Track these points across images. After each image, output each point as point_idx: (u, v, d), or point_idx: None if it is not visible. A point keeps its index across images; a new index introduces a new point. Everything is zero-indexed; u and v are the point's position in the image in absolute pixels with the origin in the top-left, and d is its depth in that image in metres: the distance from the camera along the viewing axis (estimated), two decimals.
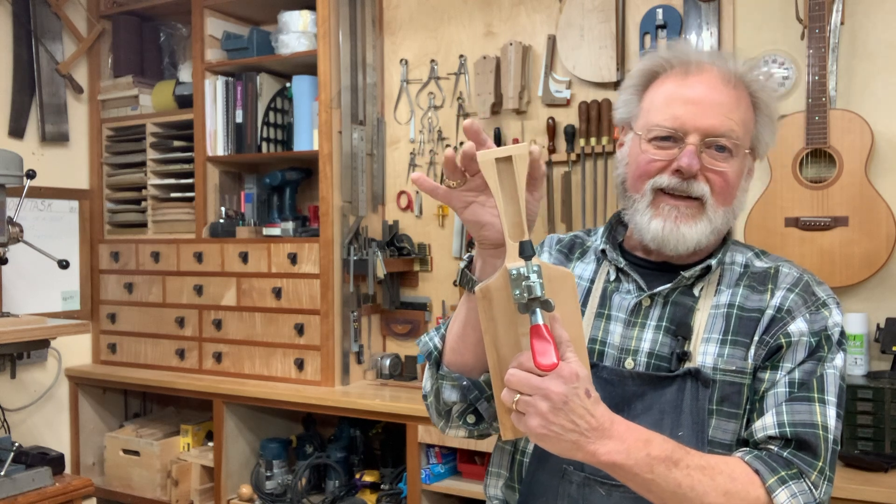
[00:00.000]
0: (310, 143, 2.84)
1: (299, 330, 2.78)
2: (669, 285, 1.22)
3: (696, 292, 1.22)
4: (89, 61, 3.29)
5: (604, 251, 1.29)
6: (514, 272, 0.97)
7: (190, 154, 3.06)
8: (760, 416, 1.13)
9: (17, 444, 2.44)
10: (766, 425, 1.12)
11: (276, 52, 2.88)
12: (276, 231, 2.88)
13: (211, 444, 2.96)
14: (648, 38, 2.47)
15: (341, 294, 2.77)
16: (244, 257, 2.89)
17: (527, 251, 0.98)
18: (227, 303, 2.94)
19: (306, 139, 2.86)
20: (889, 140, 2.17)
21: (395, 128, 2.95)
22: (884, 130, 2.15)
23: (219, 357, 2.96)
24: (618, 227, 1.33)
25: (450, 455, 2.51)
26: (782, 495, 1.05)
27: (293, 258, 2.79)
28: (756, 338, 1.17)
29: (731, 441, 1.15)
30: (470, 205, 1.05)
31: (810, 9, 2.11)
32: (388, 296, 2.87)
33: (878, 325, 2.14)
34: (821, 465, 1.09)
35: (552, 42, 2.64)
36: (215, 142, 3.01)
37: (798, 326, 1.15)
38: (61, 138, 3.19)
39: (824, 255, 2.13)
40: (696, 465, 1.03)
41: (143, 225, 3.20)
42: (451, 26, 2.84)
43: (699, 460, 1.04)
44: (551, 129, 2.61)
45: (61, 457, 2.55)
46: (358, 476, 2.74)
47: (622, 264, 1.26)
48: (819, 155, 2.15)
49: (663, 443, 1.02)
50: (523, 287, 0.96)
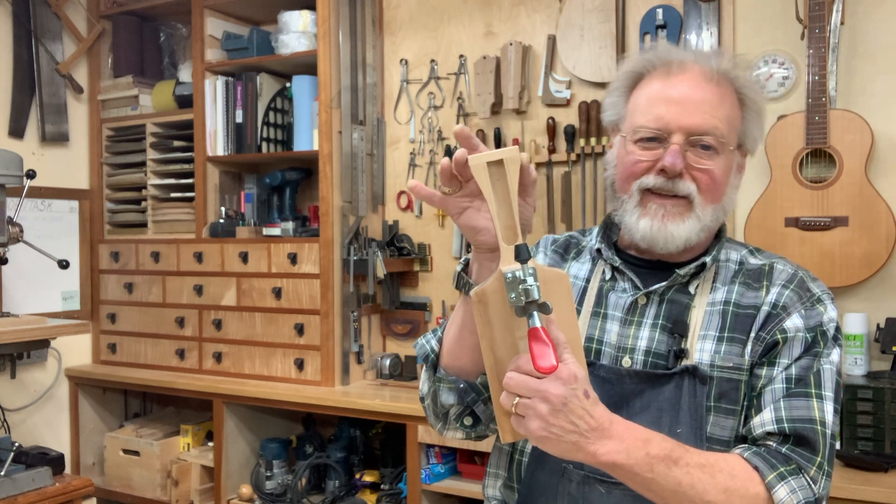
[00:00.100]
0: (310, 143, 2.84)
1: (299, 330, 2.78)
2: (665, 283, 1.22)
3: (691, 290, 1.23)
4: (89, 61, 3.29)
5: (599, 250, 1.30)
6: (509, 275, 0.97)
7: (190, 154, 3.07)
8: (758, 412, 1.14)
9: (17, 444, 2.44)
10: (764, 421, 1.12)
11: (276, 52, 2.88)
12: (276, 231, 2.88)
13: (211, 444, 2.95)
14: (648, 38, 2.46)
15: (341, 294, 2.77)
16: (244, 257, 2.89)
17: (523, 254, 0.98)
18: (227, 303, 2.94)
19: (306, 139, 2.86)
20: (889, 140, 2.17)
21: (395, 128, 2.95)
22: (884, 130, 2.15)
23: (219, 357, 2.96)
24: (612, 226, 1.34)
25: (450, 455, 2.51)
26: (782, 491, 1.06)
27: (293, 258, 2.79)
28: (752, 334, 1.17)
29: (730, 437, 1.15)
30: (465, 210, 1.05)
31: (810, 9, 2.11)
32: (388, 296, 2.87)
33: (878, 325, 2.14)
34: (819, 460, 1.09)
35: (552, 42, 2.64)
36: (215, 142, 3.01)
37: (794, 322, 1.16)
38: (61, 138, 3.20)
39: (824, 255, 2.13)
40: (695, 463, 1.03)
41: (143, 225, 3.20)
42: (451, 26, 2.84)
43: (698, 458, 1.04)
44: (551, 129, 2.61)
45: (61, 457, 2.55)
46: (358, 476, 2.74)
47: (617, 263, 1.27)
48: (819, 155, 2.15)
49: (662, 441, 1.03)
50: (520, 290, 0.96)
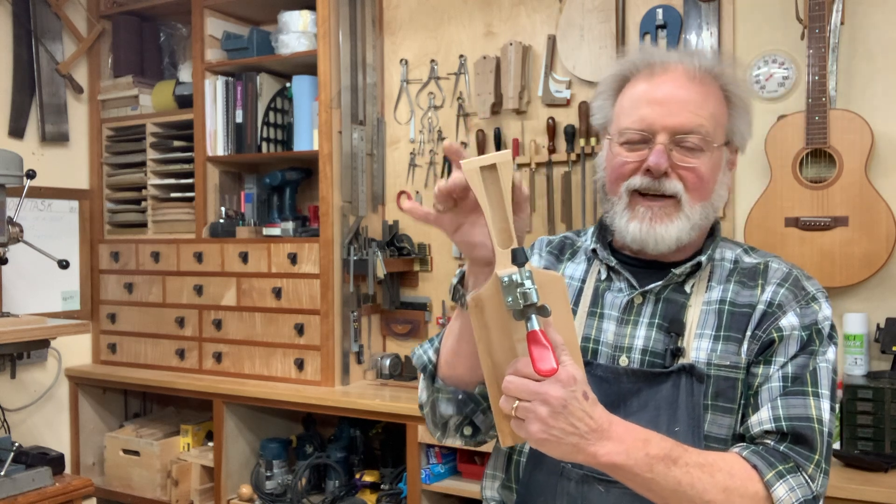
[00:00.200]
0: (310, 143, 2.84)
1: (299, 330, 2.78)
2: (661, 282, 1.23)
3: (687, 289, 1.23)
4: (89, 61, 3.29)
5: (595, 250, 1.30)
6: (505, 279, 0.97)
7: (190, 154, 3.06)
8: (756, 410, 1.14)
9: (17, 444, 2.44)
10: (761, 420, 1.13)
11: (276, 52, 2.88)
12: (276, 231, 2.88)
13: (211, 444, 2.95)
14: (648, 38, 2.46)
15: (341, 294, 2.77)
16: (244, 257, 2.89)
17: (519, 258, 0.97)
18: (227, 303, 2.94)
19: (306, 139, 2.86)
20: (889, 140, 2.17)
21: (395, 128, 2.95)
22: (884, 130, 2.15)
23: (219, 357, 2.96)
24: (607, 226, 1.34)
25: (450, 455, 2.51)
26: (780, 489, 1.06)
27: (293, 258, 2.79)
28: (748, 333, 1.18)
29: (727, 436, 1.16)
30: (460, 227, 1.05)
31: (810, 9, 2.11)
32: (388, 296, 2.87)
33: (878, 325, 2.14)
34: (817, 458, 1.10)
35: (552, 42, 2.64)
36: (215, 142, 3.01)
37: (789, 321, 1.17)
38: (61, 138, 3.20)
39: (824, 255, 2.13)
40: (694, 462, 1.04)
41: (143, 225, 3.20)
42: (451, 26, 2.84)
43: (698, 458, 1.05)
44: (551, 129, 2.61)
45: (61, 457, 2.55)
46: (358, 476, 2.74)
47: (613, 263, 1.27)
48: (819, 155, 2.15)
49: (661, 442, 1.03)
50: (518, 294, 0.96)
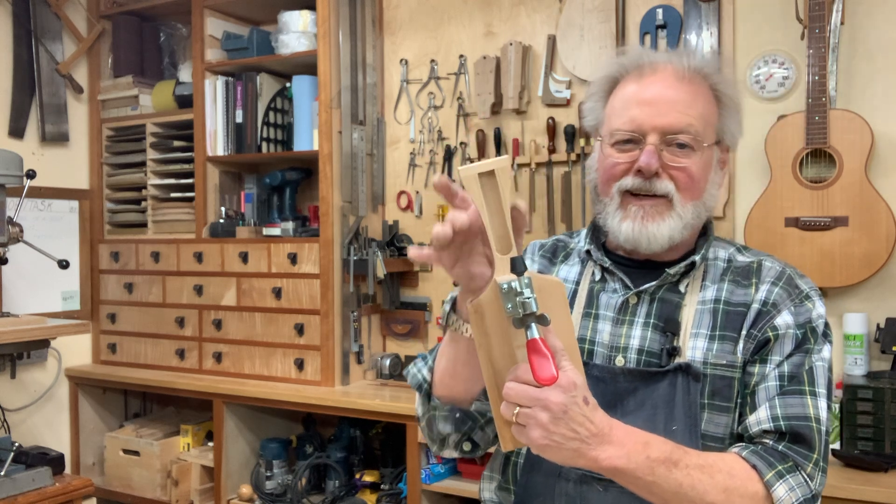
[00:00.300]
0: (310, 143, 2.84)
1: (299, 330, 2.78)
2: (655, 282, 1.23)
3: (681, 288, 1.23)
4: (89, 61, 3.29)
5: (588, 252, 1.30)
6: (504, 286, 0.97)
7: (190, 154, 3.06)
8: (753, 410, 1.15)
9: (17, 444, 2.44)
10: (759, 419, 1.13)
11: (276, 52, 2.88)
12: (276, 231, 2.88)
13: (211, 444, 2.95)
14: (648, 38, 2.46)
15: (341, 294, 2.77)
16: (244, 257, 2.89)
17: (519, 267, 0.97)
18: (227, 303, 2.94)
19: (306, 139, 2.86)
20: (889, 140, 2.17)
21: (395, 128, 2.95)
22: (884, 130, 2.15)
23: (219, 357, 2.96)
24: (600, 227, 1.34)
25: None
26: (780, 489, 1.07)
27: (293, 258, 2.79)
28: (744, 332, 1.18)
29: (724, 434, 1.16)
30: (458, 261, 1.04)
31: (810, 9, 2.11)
32: (388, 296, 2.87)
33: (878, 325, 2.14)
34: (815, 457, 1.11)
35: (552, 42, 2.64)
36: (215, 142, 3.01)
37: (784, 319, 1.17)
38: (61, 138, 3.20)
39: (824, 255, 2.13)
40: (695, 464, 1.04)
41: (143, 225, 3.20)
42: (451, 26, 2.84)
43: (698, 459, 1.05)
44: (551, 129, 2.61)
45: (61, 457, 2.55)
46: (358, 476, 2.74)
47: (607, 264, 1.27)
48: (819, 155, 2.15)
49: (662, 444, 1.03)
50: (517, 303, 0.96)
